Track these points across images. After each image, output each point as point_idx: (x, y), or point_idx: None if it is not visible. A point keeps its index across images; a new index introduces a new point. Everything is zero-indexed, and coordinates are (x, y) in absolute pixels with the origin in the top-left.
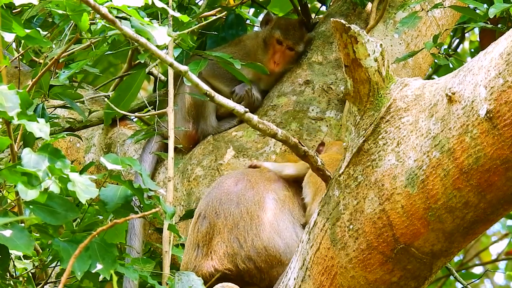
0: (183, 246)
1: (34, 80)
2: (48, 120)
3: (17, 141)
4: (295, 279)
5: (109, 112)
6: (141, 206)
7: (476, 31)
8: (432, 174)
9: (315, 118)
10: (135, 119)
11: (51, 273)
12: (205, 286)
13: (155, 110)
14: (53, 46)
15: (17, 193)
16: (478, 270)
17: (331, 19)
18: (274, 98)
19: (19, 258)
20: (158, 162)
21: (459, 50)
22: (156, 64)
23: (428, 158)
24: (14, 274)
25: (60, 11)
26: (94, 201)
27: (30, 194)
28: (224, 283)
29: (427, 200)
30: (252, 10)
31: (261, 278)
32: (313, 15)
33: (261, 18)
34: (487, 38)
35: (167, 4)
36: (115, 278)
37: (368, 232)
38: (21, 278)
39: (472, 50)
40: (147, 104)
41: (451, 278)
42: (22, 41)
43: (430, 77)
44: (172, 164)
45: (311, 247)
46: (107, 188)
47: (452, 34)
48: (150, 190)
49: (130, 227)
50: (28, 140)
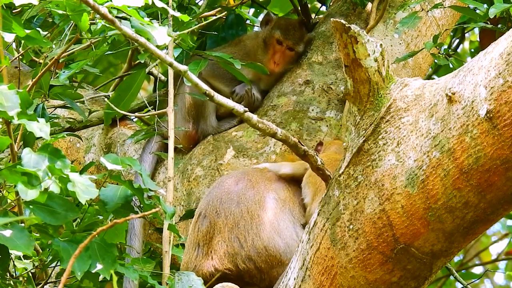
0: (183, 246)
1: (34, 80)
2: (48, 120)
3: (17, 141)
4: (295, 279)
5: (109, 112)
6: (141, 206)
7: (476, 31)
8: (432, 174)
9: (315, 118)
10: (135, 119)
11: (51, 273)
12: (205, 286)
13: (155, 110)
14: (53, 46)
15: (17, 193)
16: (478, 270)
17: (331, 19)
18: (274, 98)
19: (19, 258)
20: (158, 162)
21: (459, 50)
22: (156, 64)
23: (428, 158)
24: (14, 274)
25: (60, 11)
26: (94, 201)
27: (30, 194)
28: (224, 283)
29: (427, 200)
30: (252, 10)
31: (261, 278)
32: (313, 15)
33: (261, 18)
34: (487, 38)
35: (167, 4)
36: (115, 278)
37: (368, 232)
38: (21, 278)
39: (472, 50)
40: (147, 104)
41: (451, 278)
42: (22, 41)
43: (430, 77)
44: (172, 164)
45: (311, 247)
46: (107, 188)
47: (452, 34)
48: (150, 190)
49: (130, 227)
50: (28, 140)
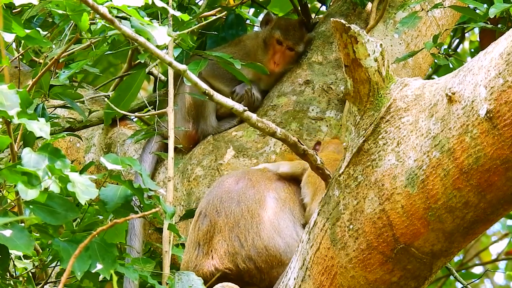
0: (183, 246)
1: (34, 80)
2: (48, 120)
3: (17, 141)
4: (295, 279)
5: (109, 112)
6: (141, 206)
7: (476, 31)
8: (432, 174)
9: (315, 118)
10: (135, 119)
11: (51, 273)
12: (205, 285)
13: (155, 110)
14: (53, 46)
15: (17, 193)
16: (478, 270)
17: (331, 19)
18: (274, 98)
19: (19, 258)
20: (158, 162)
21: (459, 50)
22: (156, 64)
23: (428, 158)
24: (14, 274)
25: (60, 11)
26: (94, 201)
27: (30, 194)
28: (224, 283)
29: (427, 200)
30: (252, 10)
31: (261, 278)
32: (313, 15)
33: (261, 18)
34: (487, 38)
35: (167, 4)
36: (115, 278)
37: (368, 232)
38: (21, 278)
39: (472, 50)
40: (147, 104)
41: (451, 278)
42: (22, 41)
43: (430, 77)
44: (172, 164)
45: (311, 247)
46: (107, 188)
47: (452, 34)
48: (150, 190)
49: (130, 227)
50: (28, 140)
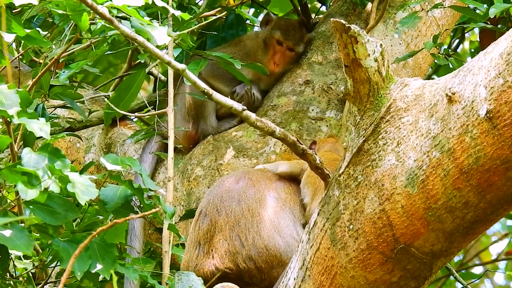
0: (183, 246)
1: (34, 80)
2: (48, 120)
3: (17, 141)
4: (295, 279)
5: (109, 112)
6: (141, 206)
7: (476, 31)
8: (432, 174)
9: (315, 118)
10: (135, 119)
11: (51, 273)
12: (205, 285)
13: (155, 110)
14: (53, 46)
15: (17, 193)
16: (478, 270)
17: (331, 19)
18: (274, 98)
19: (19, 258)
20: (158, 162)
21: (459, 50)
22: (156, 64)
23: (428, 158)
24: (14, 274)
25: (60, 11)
26: (94, 201)
27: (30, 194)
28: (224, 283)
29: (427, 200)
30: (252, 10)
31: (261, 278)
32: (313, 15)
33: (261, 18)
34: (487, 38)
35: (167, 4)
36: (115, 278)
37: (368, 232)
38: (21, 278)
39: (472, 50)
40: (147, 104)
41: (451, 278)
42: (22, 41)
43: (430, 77)
44: (172, 164)
45: (311, 247)
46: (107, 188)
47: (452, 34)
48: (150, 190)
49: (130, 228)
50: (28, 140)
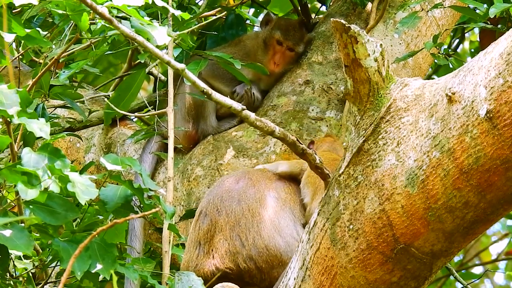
0: (183, 246)
1: (34, 80)
2: (48, 120)
3: (17, 140)
4: (295, 279)
5: (109, 112)
6: (141, 206)
7: (476, 31)
8: (432, 174)
9: (315, 118)
10: (135, 119)
11: (51, 273)
12: (206, 285)
13: (155, 110)
14: (53, 46)
15: (17, 193)
16: (478, 270)
17: (331, 19)
18: (274, 98)
19: (19, 258)
20: (158, 162)
21: (459, 50)
22: (156, 64)
23: (428, 158)
24: (14, 274)
25: (60, 11)
26: (94, 201)
27: (30, 194)
28: (224, 283)
29: (427, 200)
30: (252, 10)
31: (261, 278)
32: (313, 15)
33: (261, 18)
34: (487, 38)
35: (167, 4)
36: (115, 278)
37: (368, 232)
38: (21, 278)
39: (472, 50)
40: (147, 104)
41: (451, 278)
42: (22, 41)
43: (430, 77)
44: (172, 164)
45: (311, 247)
46: (107, 188)
47: (452, 34)
48: (150, 190)
49: (130, 228)
50: (28, 140)
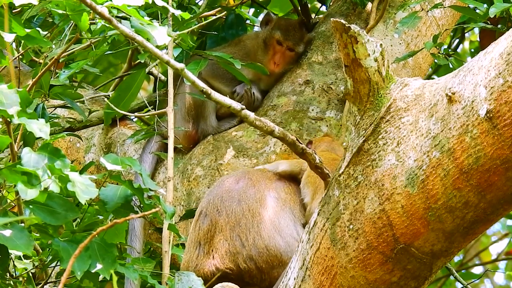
0: (183, 246)
1: (34, 80)
2: (48, 120)
3: (17, 140)
4: (295, 279)
5: (109, 112)
6: (141, 206)
7: (476, 31)
8: (432, 174)
9: (315, 118)
10: (135, 119)
11: (51, 273)
12: (205, 285)
13: (155, 110)
14: (53, 46)
15: (17, 192)
16: (478, 270)
17: (331, 19)
18: (274, 98)
19: (19, 258)
20: (158, 162)
21: (459, 50)
22: (156, 64)
23: (428, 158)
24: (14, 274)
25: (60, 11)
26: (94, 201)
27: (30, 194)
28: (224, 283)
29: (427, 200)
30: (252, 10)
31: (261, 278)
32: (313, 15)
33: (261, 18)
34: (487, 38)
35: (167, 4)
36: (115, 278)
37: (368, 232)
38: (21, 278)
39: (472, 50)
40: (147, 104)
41: (451, 278)
42: (22, 41)
43: (430, 77)
44: (172, 164)
45: (311, 247)
46: (107, 188)
47: (452, 34)
48: (150, 190)
49: (130, 228)
50: (28, 140)
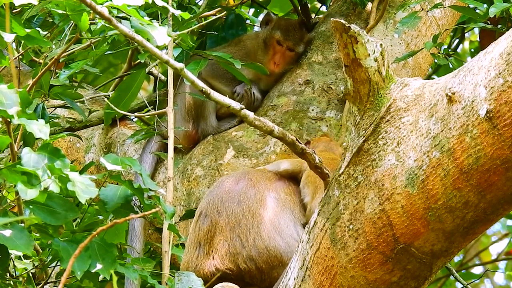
0: (183, 246)
1: (34, 80)
2: (48, 120)
3: (17, 140)
4: (295, 279)
5: (109, 112)
6: (141, 206)
7: (476, 31)
8: (432, 174)
9: (315, 118)
10: (135, 119)
11: (51, 273)
12: (205, 285)
13: (155, 110)
14: (53, 46)
15: (17, 192)
16: (478, 270)
17: (331, 19)
18: (274, 98)
19: (19, 258)
20: (158, 162)
21: (459, 50)
22: (156, 64)
23: (428, 158)
24: (14, 274)
25: (60, 11)
26: (94, 201)
27: (30, 194)
28: (224, 283)
29: (427, 200)
30: (252, 10)
31: (261, 279)
32: (313, 15)
33: (261, 18)
34: (487, 38)
35: (167, 4)
36: (115, 278)
37: (368, 232)
38: (21, 278)
39: (472, 50)
40: (147, 104)
41: (451, 278)
42: (22, 41)
43: (430, 77)
44: (172, 164)
45: (311, 247)
46: (107, 188)
47: (452, 34)
48: (150, 190)
49: (130, 228)
50: (28, 140)
